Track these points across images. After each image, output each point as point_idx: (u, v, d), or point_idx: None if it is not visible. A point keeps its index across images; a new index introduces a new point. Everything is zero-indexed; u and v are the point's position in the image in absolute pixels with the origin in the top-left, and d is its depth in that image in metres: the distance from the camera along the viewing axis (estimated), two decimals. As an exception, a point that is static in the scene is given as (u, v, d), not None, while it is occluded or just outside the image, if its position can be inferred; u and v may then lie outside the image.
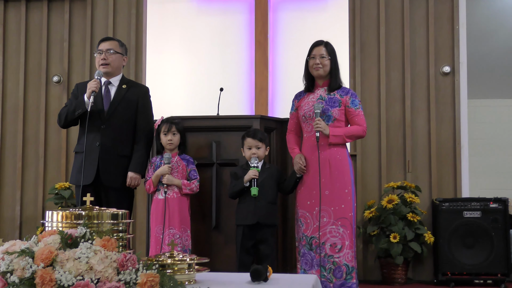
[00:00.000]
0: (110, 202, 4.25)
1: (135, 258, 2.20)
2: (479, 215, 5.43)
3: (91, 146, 4.34)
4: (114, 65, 4.50)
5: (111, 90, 4.50)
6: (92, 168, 4.32)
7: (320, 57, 4.28)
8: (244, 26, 6.42)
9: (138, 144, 4.46)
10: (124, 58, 4.61)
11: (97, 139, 4.35)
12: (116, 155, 4.38)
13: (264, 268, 2.63)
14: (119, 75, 4.57)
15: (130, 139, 4.47)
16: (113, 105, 4.43)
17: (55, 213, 2.43)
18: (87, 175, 4.29)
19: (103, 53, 4.47)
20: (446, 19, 6.03)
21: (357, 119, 4.27)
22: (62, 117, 4.48)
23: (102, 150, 4.34)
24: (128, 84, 4.57)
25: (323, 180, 4.16)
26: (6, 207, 6.36)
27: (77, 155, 4.47)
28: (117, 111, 4.43)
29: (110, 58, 4.48)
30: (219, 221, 4.52)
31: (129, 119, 4.47)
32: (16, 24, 6.54)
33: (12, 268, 2.12)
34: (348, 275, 4.11)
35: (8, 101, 6.47)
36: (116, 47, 4.54)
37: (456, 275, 5.41)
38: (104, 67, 4.46)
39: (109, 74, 4.50)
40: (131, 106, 4.48)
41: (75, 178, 4.41)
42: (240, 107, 6.25)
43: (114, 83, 4.52)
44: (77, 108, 4.35)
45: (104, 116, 4.39)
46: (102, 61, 4.46)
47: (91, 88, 4.26)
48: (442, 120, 5.94)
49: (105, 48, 4.49)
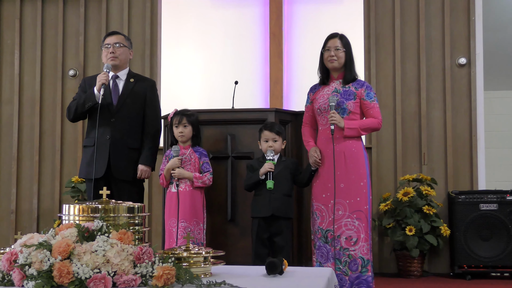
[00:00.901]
0: (121, 195, 4.29)
1: (151, 251, 2.22)
2: (496, 208, 5.40)
3: (101, 140, 4.38)
4: (122, 58, 4.55)
5: (119, 84, 4.55)
6: (103, 161, 4.36)
7: (335, 50, 4.26)
8: (259, 19, 6.41)
9: (147, 137, 4.52)
10: (130, 51, 4.67)
11: (107, 133, 4.40)
12: (126, 148, 4.44)
13: (279, 261, 2.64)
14: (126, 69, 4.62)
15: (139, 132, 4.53)
16: (121, 99, 4.48)
17: (72, 206, 2.45)
18: (98, 168, 4.33)
19: (110, 47, 4.51)
20: (461, 10, 5.98)
21: (372, 111, 4.25)
22: (72, 110, 4.52)
23: (113, 143, 4.39)
24: (135, 78, 4.61)
25: (338, 173, 4.15)
26: (24, 200, 6.42)
27: (86, 149, 4.52)
28: (126, 105, 4.48)
29: (118, 51, 4.52)
30: (235, 214, 4.53)
31: (138, 112, 4.52)
32: (33, 18, 6.58)
33: (30, 261, 2.14)
34: (364, 268, 4.11)
35: (24, 94, 6.52)
36: (123, 41, 4.58)
37: (473, 268, 5.39)
38: (112, 60, 4.50)
39: (117, 67, 4.54)
40: (139, 99, 4.53)
41: (85, 172, 4.46)
42: (255, 100, 6.25)
43: (122, 77, 4.57)
44: (87, 101, 4.39)
45: (114, 109, 4.44)
46: (110, 55, 4.50)
47: (101, 80, 4.30)
48: (458, 112, 5.90)
49: (112, 42, 4.53)
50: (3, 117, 6.53)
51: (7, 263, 2.20)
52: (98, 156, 4.33)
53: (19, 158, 6.45)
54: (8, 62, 6.58)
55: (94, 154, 4.33)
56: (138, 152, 4.49)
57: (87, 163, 4.43)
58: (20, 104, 6.50)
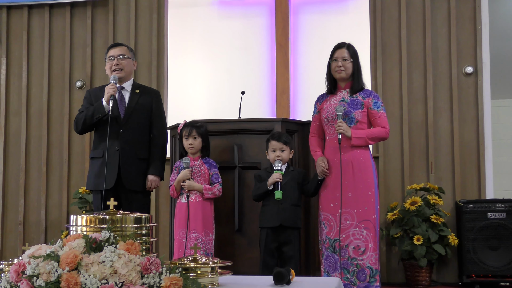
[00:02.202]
0: (131, 206, 4.30)
1: (158, 261, 2.21)
2: (504, 217, 5.37)
3: (110, 151, 4.39)
4: (127, 70, 4.59)
5: (124, 95, 4.58)
6: (113, 172, 4.38)
7: (342, 60, 4.27)
8: (265, 29, 6.43)
9: (155, 147, 4.55)
10: (134, 62, 4.70)
11: (116, 144, 4.42)
12: (135, 159, 4.46)
13: (287, 271, 2.63)
14: (130, 80, 4.65)
15: (146, 142, 4.56)
16: (128, 110, 4.51)
17: (79, 217, 2.45)
18: (109, 179, 4.35)
19: (114, 59, 4.54)
20: (468, 19, 5.98)
21: (379, 120, 4.25)
22: (80, 123, 4.54)
23: (122, 154, 4.42)
24: (140, 89, 4.64)
25: (346, 183, 4.15)
26: (31, 212, 6.44)
27: (93, 161, 4.53)
28: (133, 116, 4.50)
29: (122, 63, 4.55)
30: (242, 224, 4.53)
31: (145, 123, 4.56)
32: (40, 30, 6.62)
33: (38, 272, 2.14)
34: (372, 278, 4.10)
35: (32, 106, 6.55)
36: (126, 52, 4.62)
37: (481, 277, 5.36)
38: (117, 72, 4.52)
39: (122, 79, 4.56)
40: (145, 111, 4.57)
41: (93, 183, 4.47)
42: (262, 110, 6.26)
43: (127, 88, 4.60)
44: (96, 112, 4.42)
45: (121, 121, 4.46)
46: (114, 67, 4.53)
47: (110, 92, 4.33)
48: (465, 120, 5.89)
49: (116, 54, 4.56)
50: (11, 129, 6.56)
51: (15, 274, 2.21)
52: (108, 167, 4.35)
53: (27, 169, 6.47)
54: (16, 74, 6.62)
55: (103, 165, 4.35)
56: (147, 162, 4.51)
57: (95, 174, 4.44)
58: (28, 116, 6.53)
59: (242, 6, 6.52)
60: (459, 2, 6.00)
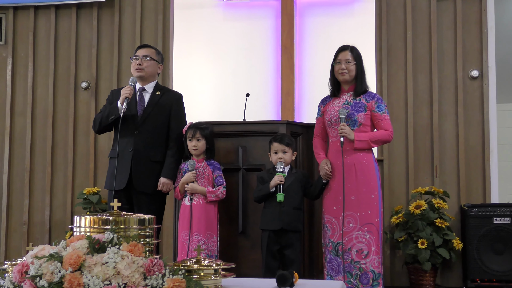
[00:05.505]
0: (141, 207, 4.31)
1: (161, 263, 2.21)
2: (509, 221, 5.35)
3: (124, 152, 4.40)
4: (148, 71, 4.57)
5: (145, 96, 4.57)
6: (125, 173, 4.38)
7: (345, 62, 4.26)
8: (270, 31, 6.43)
9: (171, 150, 4.51)
10: (159, 66, 4.68)
11: (130, 145, 4.42)
12: (148, 161, 4.44)
13: (290, 273, 2.63)
14: (153, 82, 4.64)
15: (162, 144, 4.52)
16: (146, 111, 4.50)
17: (83, 218, 2.45)
18: (120, 180, 4.35)
19: (139, 59, 4.56)
20: (474, 22, 5.97)
21: (383, 123, 4.24)
22: (97, 123, 4.57)
23: (135, 155, 4.41)
24: (162, 91, 4.63)
25: (349, 186, 4.14)
26: (36, 212, 6.45)
27: (111, 161, 4.55)
28: (150, 117, 4.49)
29: (145, 63, 4.56)
30: (246, 226, 4.52)
31: (162, 124, 4.53)
32: (46, 31, 6.64)
33: (41, 272, 2.15)
34: (375, 281, 4.09)
35: (37, 106, 6.56)
36: (153, 54, 4.62)
37: (486, 282, 5.34)
38: (138, 71, 4.54)
39: (143, 79, 4.56)
40: (164, 111, 4.54)
41: (108, 183, 4.48)
42: (266, 112, 6.25)
43: (148, 90, 4.59)
44: (111, 114, 4.43)
45: (138, 121, 4.46)
46: (137, 66, 4.55)
47: (125, 94, 4.35)
48: (470, 124, 5.87)
49: (141, 54, 4.58)
50: (16, 129, 6.57)
51: (18, 275, 2.21)
52: (120, 168, 4.36)
53: (32, 169, 6.49)
54: (22, 75, 6.63)
55: (117, 165, 4.37)
56: (161, 164, 4.47)
57: (111, 174, 4.45)
58: (33, 116, 6.54)
59: (247, 8, 6.52)
60: (465, 6, 5.98)
